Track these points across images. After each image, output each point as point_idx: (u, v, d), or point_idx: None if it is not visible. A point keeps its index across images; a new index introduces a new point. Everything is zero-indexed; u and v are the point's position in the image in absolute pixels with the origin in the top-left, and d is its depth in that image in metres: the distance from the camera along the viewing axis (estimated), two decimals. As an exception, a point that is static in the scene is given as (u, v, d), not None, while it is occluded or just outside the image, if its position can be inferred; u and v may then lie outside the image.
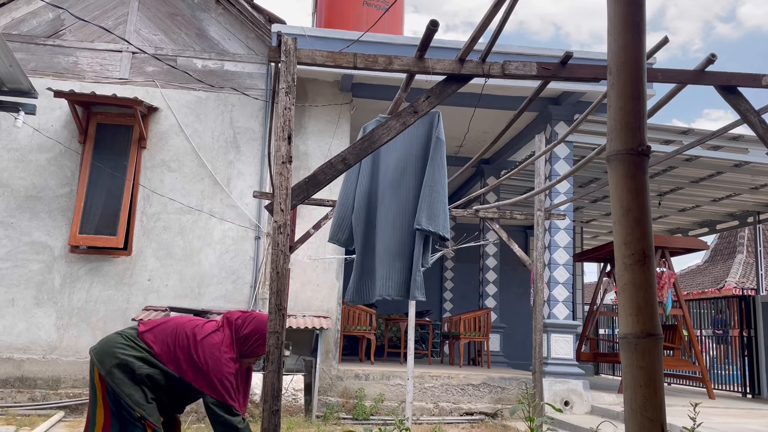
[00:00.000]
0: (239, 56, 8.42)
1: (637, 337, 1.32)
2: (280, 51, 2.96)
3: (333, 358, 7.75)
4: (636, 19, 1.40)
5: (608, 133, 1.43)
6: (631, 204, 1.36)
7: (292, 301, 7.59)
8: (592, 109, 4.14)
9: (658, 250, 8.94)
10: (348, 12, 10.36)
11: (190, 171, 8.07)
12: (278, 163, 2.87)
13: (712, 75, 3.24)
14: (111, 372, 2.92)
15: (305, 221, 7.74)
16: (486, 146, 4.63)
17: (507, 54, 7.25)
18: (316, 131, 8.33)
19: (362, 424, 6.67)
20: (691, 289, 20.07)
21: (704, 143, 6.20)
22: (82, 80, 8.10)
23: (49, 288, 7.62)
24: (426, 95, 3.05)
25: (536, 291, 6.49)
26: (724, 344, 11.53)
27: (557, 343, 7.93)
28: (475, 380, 7.78)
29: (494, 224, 7.00)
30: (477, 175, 11.57)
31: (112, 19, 8.31)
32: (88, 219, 7.70)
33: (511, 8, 2.84)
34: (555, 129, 8.36)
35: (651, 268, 1.34)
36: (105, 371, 2.93)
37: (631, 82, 1.39)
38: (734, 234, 20.31)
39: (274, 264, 2.80)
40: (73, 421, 6.68)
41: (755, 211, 12.15)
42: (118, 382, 2.91)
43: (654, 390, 1.30)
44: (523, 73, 3.08)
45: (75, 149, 7.91)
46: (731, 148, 8.84)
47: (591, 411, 7.62)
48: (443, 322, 11.42)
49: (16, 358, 7.40)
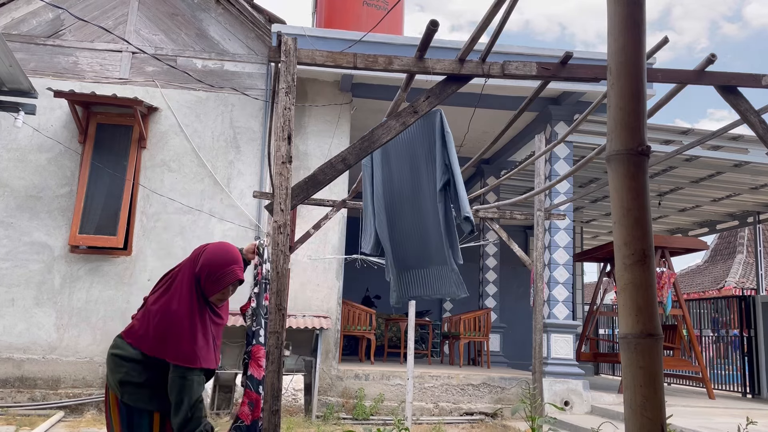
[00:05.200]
0: (239, 56, 8.42)
1: (637, 337, 1.32)
2: (280, 51, 2.96)
3: (333, 358, 7.75)
4: (636, 19, 1.40)
5: (608, 133, 1.43)
6: (631, 204, 1.36)
7: (292, 301, 7.59)
8: (592, 109, 4.14)
9: (658, 250, 8.94)
10: (348, 12, 10.36)
11: (190, 171, 8.07)
12: (278, 163, 2.87)
13: (712, 75, 3.24)
14: (120, 392, 2.77)
15: (305, 221, 7.74)
16: (486, 146, 4.63)
17: (507, 54, 7.25)
18: (316, 131, 8.33)
19: (362, 424, 6.67)
20: (691, 289, 20.07)
21: (704, 143, 6.21)
22: (82, 80, 8.10)
23: (49, 288, 7.62)
24: (426, 95, 3.05)
25: (536, 291, 6.49)
26: (723, 344, 11.53)
27: (557, 343, 7.93)
28: (475, 380, 7.78)
29: (494, 224, 7.00)
30: (477, 175, 11.57)
31: (112, 19, 8.31)
32: (88, 219, 7.70)
33: (511, 8, 2.84)
34: (555, 129, 8.36)
35: (651, 268, 1.34)
36: (116, 393, 2.78)
37: (631, 82, 1.39)
38: (734, 234, 20.31)
39: (274, 264, 2.80)
40: (73, 421, 6.68)
41: (755, 211, 12.15)
42: (126, 399, 2.76)
43: (654, 390, 1.30)
44: (523, 73, 3.08)
45: (75, 149, 7.91)
46: (731, 148, 8.84)
47: (591, 411, 7.62)
48: (443, 322, 11.42)
49: (16, 358, 7.40)
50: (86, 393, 7.34)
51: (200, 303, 2.80)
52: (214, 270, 2.79)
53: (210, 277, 2.78)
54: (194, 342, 2.72)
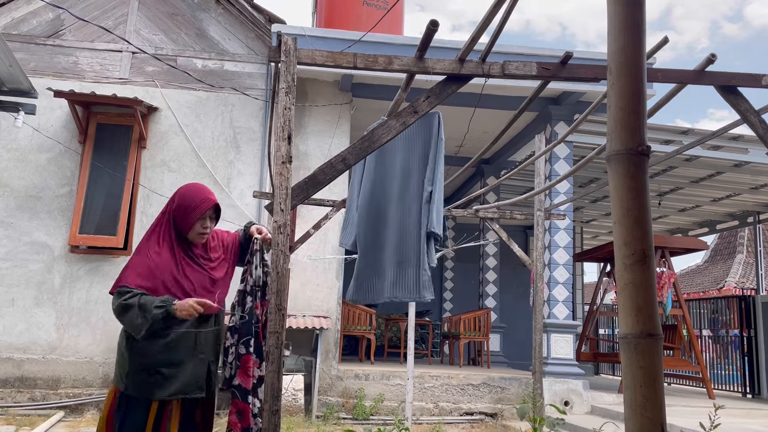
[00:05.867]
0: (239, 56, 8.42)
1: (637, 337, 1.32)
2: (280, 51, 2.96)
3: (333, 358, 7.75)
4: (636, 19, 1.40)
5: (608, 133, 1.43)
6: (631, 204, 1.36)
7: (292, 301, 7.59)
8: (592, 109, 4.14)
9: (658, 250, 8.94)
10: (348, 12, 10.36)
11: (190, 171, 8.06)
12: (278, 163, 2.87)
13: (712, 75, 3.24)
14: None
15: (305, 221, 7.74)
16: (486, 146, 4.63)
17: (507, 54, 7.25)
18: (316, 131, 8.33)
19: (362, 424, 6.67)
20: (691, 289, 20.07)
21: (704, 143, 6.21)
22: (82, 80, 8.10)
23: (49, 288, 7.62)
24: (426, 95, 3.05)
25: (536, 291, 6.49)
26: (723, 344, 11.53)
27: (557, 343, 7.93)
28: (475, 380, 7.78)
29: (494, 224, 7.00)
30: (477, 175, 11.57)
31: (112, 19, 8.31)
32: (88, 219, 7.70)
33: (511, 8, 2.84)
34: (555, 129, 8.36)
35: (651, 268, 1.34)
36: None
37: (631, 82, 1.39)
38: (734, 234, 20.31)
39: (274, 264, 2.80)
40: (72, 421, 6.68)
41: (755, 211, 12.16)
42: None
43: (654, 390, 1.30)
44: (523, 73, 3.08)
45: (75, 149, 7.91)
46: (731, 148, 8.84)
47: (591, 411, 7.62)
48: (443, 322, 11.42)
49: (16, 358, 7.40)
50: (86, 393, 7.34)
51: (169, 238, 2.78)
52: (186, 202, 2.80)
53: (185, 210, 2.78)
54: (127, 265, 2.73)
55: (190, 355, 2.72)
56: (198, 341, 2.76)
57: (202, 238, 2.86)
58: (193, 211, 2.78)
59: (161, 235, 2.79)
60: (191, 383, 2.70)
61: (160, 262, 2.73)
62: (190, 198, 2.81)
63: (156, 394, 2.66)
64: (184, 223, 2.79)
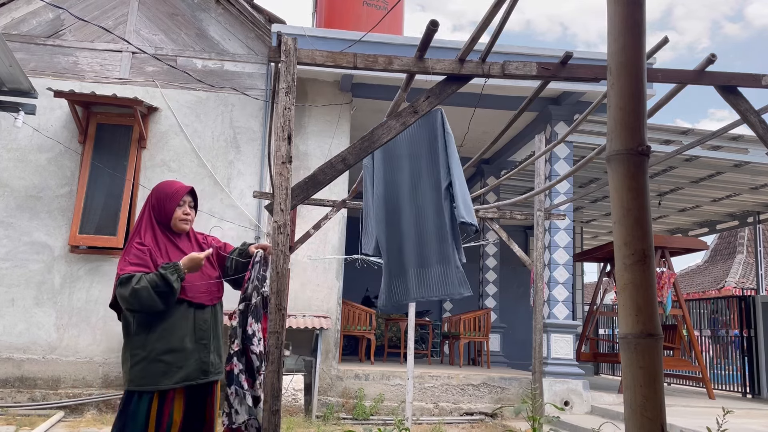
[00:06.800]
0: (239, 56, 8.42)
1: (637, 337, 1.32)
2: (280, 51, 2.96)
3: (333, 358, 7.75)
4: (636, 19, 1.40)
5: (608, 133, 1.43)
6: (631, 204, 1.36)
7: (292, 301, 7.59)
8: (592, 109, 4.14)
9: (658, 250, 8.94)
10: (348, 12, 10.36)
11: (190, 171, 8.06)
12: (278, 163, 2.87)
13: (711, 75, 3.24)
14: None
15: (305, 221, 7.74)
16: (486, 146, 4.63)
17: (507, 54, 7.25)
18: (316, 131, 8.33)
19: (362, 424, 6.67)
20: (691, 289, 20.07)
21: (704, 143, 6.21)
22: (82, 80, 8.10)
23: (49, 288, 7.62)
24: (426, 95, 3.05)
25: (536, 291, 6.49)
26: (723, 344, 11.53)
27: (557, 343, 7.93)
28: (475, 380, 7.78)
29: (494, 224, 7.00)
30: (477, 175, 11.57)
31: (112, 19, 8.31)
32: (87, 219, 7.70)
33: (511, 8, 2.84)
34: (555, 129, 8.36)
35: (651, 268, 1.34)
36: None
37: (631, 82, 1.39)
38: (734, 234, 20.31)
39: (274, 264, 2.80)
40: (72, 421, 6.67)
41: (755, 211, 12.15)
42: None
43: (654, 390, 1.30)
44: (523, 73, 3.08)
45: (75, 149, 7.91)
46: (731, 148, 8.84)
47: (591, 411, 7.62)
48: (443, 322, 11.42)
49: (16, 358, 7.40)
50: (86, 393, 7.34)
51: (152, 230, 2.87)
52: (162, 195, 2.91)
53: (162, 200, 2.89)
54: (120, 259, 2.81)
55: (191, 341, 2.78)
56: (197, 325, 2.82)
57: (186, 224, 2.96)
58: (171, 198, 2.90)
59: (144, 230, 2.87)
60: (196, 369, 2.78)
61: (148, 249, 2.82)
62: (164, 190, 2.94)
63: (161, 383, 2.70)
64: (165, 212, 2.90)
